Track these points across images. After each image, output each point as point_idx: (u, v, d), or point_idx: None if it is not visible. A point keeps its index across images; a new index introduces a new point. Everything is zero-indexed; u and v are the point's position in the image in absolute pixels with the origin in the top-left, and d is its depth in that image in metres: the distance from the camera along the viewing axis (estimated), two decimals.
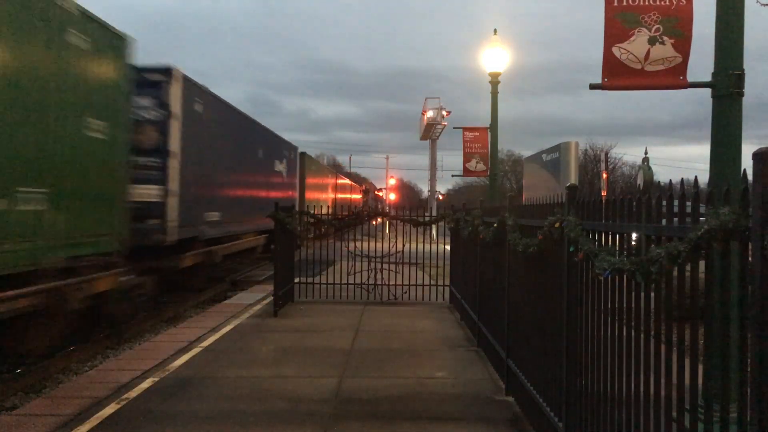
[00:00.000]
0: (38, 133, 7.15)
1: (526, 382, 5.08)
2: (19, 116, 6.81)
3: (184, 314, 12.18)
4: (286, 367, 6.90)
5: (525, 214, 5.27)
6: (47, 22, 7.27)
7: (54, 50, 7.42)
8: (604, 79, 4.89)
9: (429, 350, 7.82)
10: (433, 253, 13.59)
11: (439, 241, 14.95)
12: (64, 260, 7.66)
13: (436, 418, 5.30)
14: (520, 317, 5.41)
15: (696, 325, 2.53)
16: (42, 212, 7.17)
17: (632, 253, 3.01)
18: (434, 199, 38.80)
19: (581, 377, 3.78)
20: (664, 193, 2.85)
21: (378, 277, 11.87)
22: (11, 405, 6.59)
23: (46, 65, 7.27)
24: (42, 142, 7.20)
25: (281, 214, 10.41)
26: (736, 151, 4.33)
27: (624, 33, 4.79)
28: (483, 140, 16.55)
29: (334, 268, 13.51)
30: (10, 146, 6.66)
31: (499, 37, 13.29)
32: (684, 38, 4.72)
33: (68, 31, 7.69)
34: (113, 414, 5.26)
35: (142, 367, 6.75)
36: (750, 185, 2.10)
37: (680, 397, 2.56)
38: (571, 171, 9.72)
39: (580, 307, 3.81)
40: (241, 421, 5.13)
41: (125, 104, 9.54)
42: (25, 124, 6.92)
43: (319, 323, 9.56)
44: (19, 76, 6.81)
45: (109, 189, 8.90)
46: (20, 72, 6.83)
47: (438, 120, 35.00)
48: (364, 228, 18.13)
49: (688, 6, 4.74)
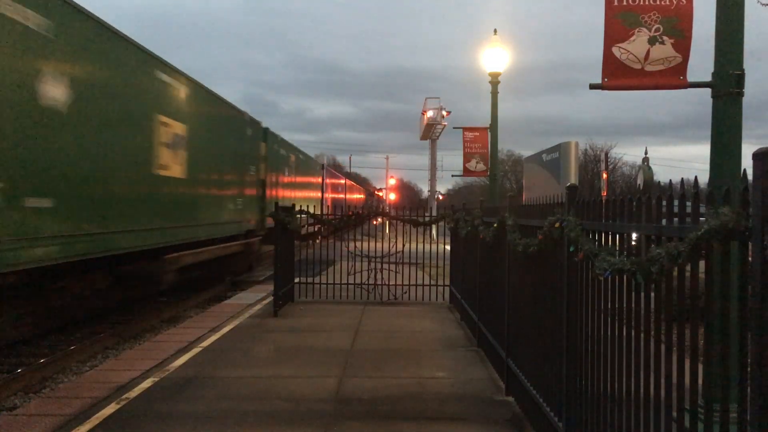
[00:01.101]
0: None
1: (526, 382, 5.08)
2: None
3: (184, 314, 12.19)
4: (286, 367, 6.90)
5: (525, 214, 5.27)
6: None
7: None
8: (604, 79, 4.89)
9: (429, 350, 7.82)
10: (433, 253, 13.59)
11: (439, 241, 14.95)
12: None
13: (436, 418, 5.30)
14: (521, 317, 5.41)
15: (696, 325, 2.53)
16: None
17: (632, 254, 3.01)
18: (434, 199, 38.81)
19: (581, 377, 3.78)
20: (664, 193, 2.85)
21: (378, 277, 11.87)
22: (11, 405, 6.60)
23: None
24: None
25: (281, 214, 10.41)
26: (736, 151, 4.33)
27: (624, 33, 4.79)
28: (483, 140, 16.54)
29: (334, 268, 13.52)
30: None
31: (498, 37, 13.29)
32: (684, 38, 4.72)
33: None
34: (113, 414, 5.26)
35: (142, 367, 6.75)
36: (750, 185, 2.10)
37: (680, 397, 2.56)
38: (571, 171, 9.71)
39: (580, 307, 3.81)
40: (241, 421, 5.12)
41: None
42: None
43: (319, 323, 9.56)
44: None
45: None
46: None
47: (438, 120, 35.03)
48: (363, 228, 18.10)
49: (689, 6, 4.74)
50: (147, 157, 10.63)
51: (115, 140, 9.46)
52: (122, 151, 9.70)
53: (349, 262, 12.21)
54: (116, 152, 9.51)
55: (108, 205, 9.27)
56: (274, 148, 20.48)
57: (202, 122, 13.49)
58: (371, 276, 11.92)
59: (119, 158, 9.61)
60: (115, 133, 9.46)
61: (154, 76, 10.98)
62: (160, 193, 11.22)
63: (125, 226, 9.73)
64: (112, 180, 9.40)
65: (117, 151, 9.53)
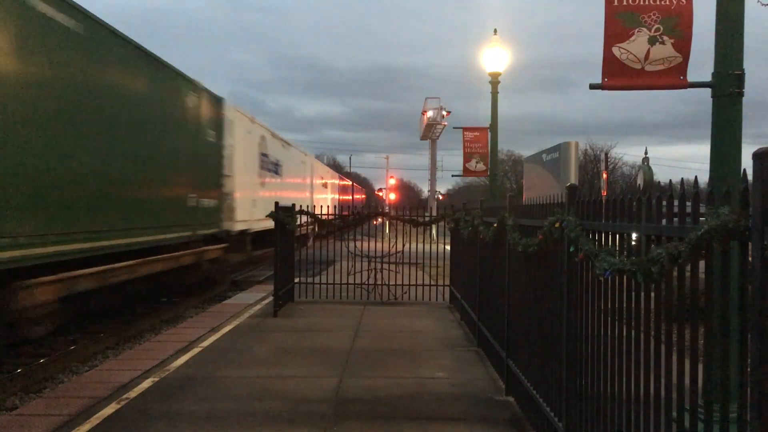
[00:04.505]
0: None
1: (526, 382, 5.08)
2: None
3: (184, 314, 12.19)
4: (286, 367, 6.90)
5: (525, 214, 5.27)
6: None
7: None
8: (605, 79, 4.89)
9: (429, 350, 7.82)
10: (433, 253, 13.59)
11: (439, 241, 14.95)
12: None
13: (436, 418, 5.30)
14: (520, 317, 5.41)
15: (696, 325, 2.53)
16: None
17: (633, 254, 3.01)
18: (434, 199, 38.78)
19: (581, 377, 3.78)
20: (664, 194, 2.85)
21: (378, 277, 11.87)
22: (11, 405, 6.60)
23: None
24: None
25: (281, 214, 10.41)
26: (736, 151, 4.33)
27: (624, 33, 4.79)
28: (483, 140, 16.56)
29: (334, 268, 13.52)
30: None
31: (498, 37, 13.29)
32: (684, 38, 4.72)
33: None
34: (113, 414, 5.26)
35: (142, 367, 6.75)
36: (750, 185, 2.10)
37: (680, 397, 2.56)
38: (571, 171, 9.70)
39: (580, 307, 3.81)
40: (241, 421, 5.12)
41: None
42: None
43: (319, 323, 9.56)
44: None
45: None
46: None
47: (438, 120, 35.01)
48: (363, 228, 18.01)
49: (688, 6, 4.74)
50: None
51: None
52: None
53: (349, 262, 12.22)
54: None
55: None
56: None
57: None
58: (371, 276, 11.92)
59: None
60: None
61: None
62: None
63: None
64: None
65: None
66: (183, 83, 12.58)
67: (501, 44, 13.20)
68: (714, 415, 2.36)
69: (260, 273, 17.89)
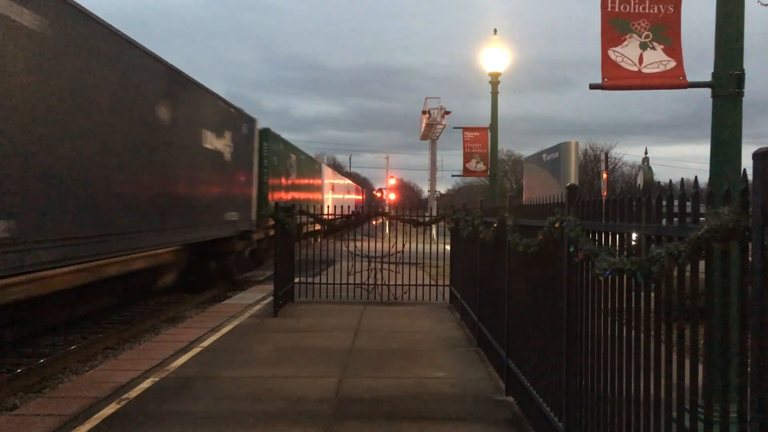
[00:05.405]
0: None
1: (526, 382, 5.08)
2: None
3: (184, 314, 12.19)
4: (286, 367, 6.90)
5: (525, 214, 5.27)
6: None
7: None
8: (605, 79, 4.89)
9: (429, 350, 7.82)
10: (433, 253, 13.59)
11: (439, 241, 14.95)
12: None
13: (436, 418, 5.30)
14: (520, 317, 5.41)
15: (696, 325, 2.53)
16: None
17: (633, 253, 3.01)
18: (434, 199, 38.77)
19: (581, 377, 3.78)
20: (665, 193, 2.85)
21: (378, 277, 11.87)
22: (11, 405, 6.60)
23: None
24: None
25: (281, 214, 10.41)
26: (735, 150, 4.33)
27: (618, 38, 4.84)
28: (483, 140, 16.55)
29: (334, 268, 13.52)
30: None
31: (498, 37, 13.29)
32: (673, 45, 4.76)
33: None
34: (113, 414, 5.26)
35: (142, 367, 6.75)
36: (750, 185, 2.10)
37: (680, 396, 2.56)
38: (571, 171, 9.71)
39: (580, 307, 3.81)
40: (240, 421, 5.12)
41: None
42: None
43: (319, 323, 9.56)
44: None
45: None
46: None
47: (438, 120, 35.01)
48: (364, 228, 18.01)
49: (676, 15, 4.78)
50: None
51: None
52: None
53: (349, 262, 12.22)
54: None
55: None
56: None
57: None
58: (371, 276, 11.92)
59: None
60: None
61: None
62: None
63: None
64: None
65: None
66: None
67: (501, 44, 13.21)
68: (714, 415, 2.36)
69: (260, 273, 17.90)
